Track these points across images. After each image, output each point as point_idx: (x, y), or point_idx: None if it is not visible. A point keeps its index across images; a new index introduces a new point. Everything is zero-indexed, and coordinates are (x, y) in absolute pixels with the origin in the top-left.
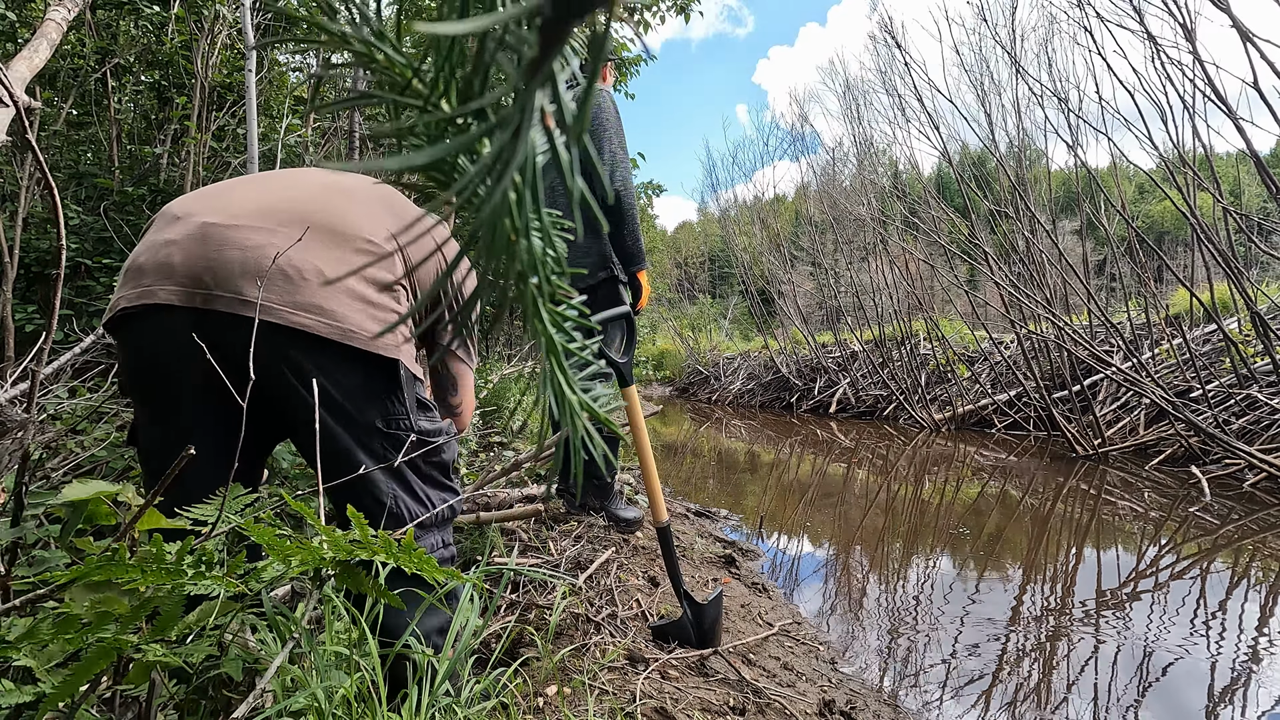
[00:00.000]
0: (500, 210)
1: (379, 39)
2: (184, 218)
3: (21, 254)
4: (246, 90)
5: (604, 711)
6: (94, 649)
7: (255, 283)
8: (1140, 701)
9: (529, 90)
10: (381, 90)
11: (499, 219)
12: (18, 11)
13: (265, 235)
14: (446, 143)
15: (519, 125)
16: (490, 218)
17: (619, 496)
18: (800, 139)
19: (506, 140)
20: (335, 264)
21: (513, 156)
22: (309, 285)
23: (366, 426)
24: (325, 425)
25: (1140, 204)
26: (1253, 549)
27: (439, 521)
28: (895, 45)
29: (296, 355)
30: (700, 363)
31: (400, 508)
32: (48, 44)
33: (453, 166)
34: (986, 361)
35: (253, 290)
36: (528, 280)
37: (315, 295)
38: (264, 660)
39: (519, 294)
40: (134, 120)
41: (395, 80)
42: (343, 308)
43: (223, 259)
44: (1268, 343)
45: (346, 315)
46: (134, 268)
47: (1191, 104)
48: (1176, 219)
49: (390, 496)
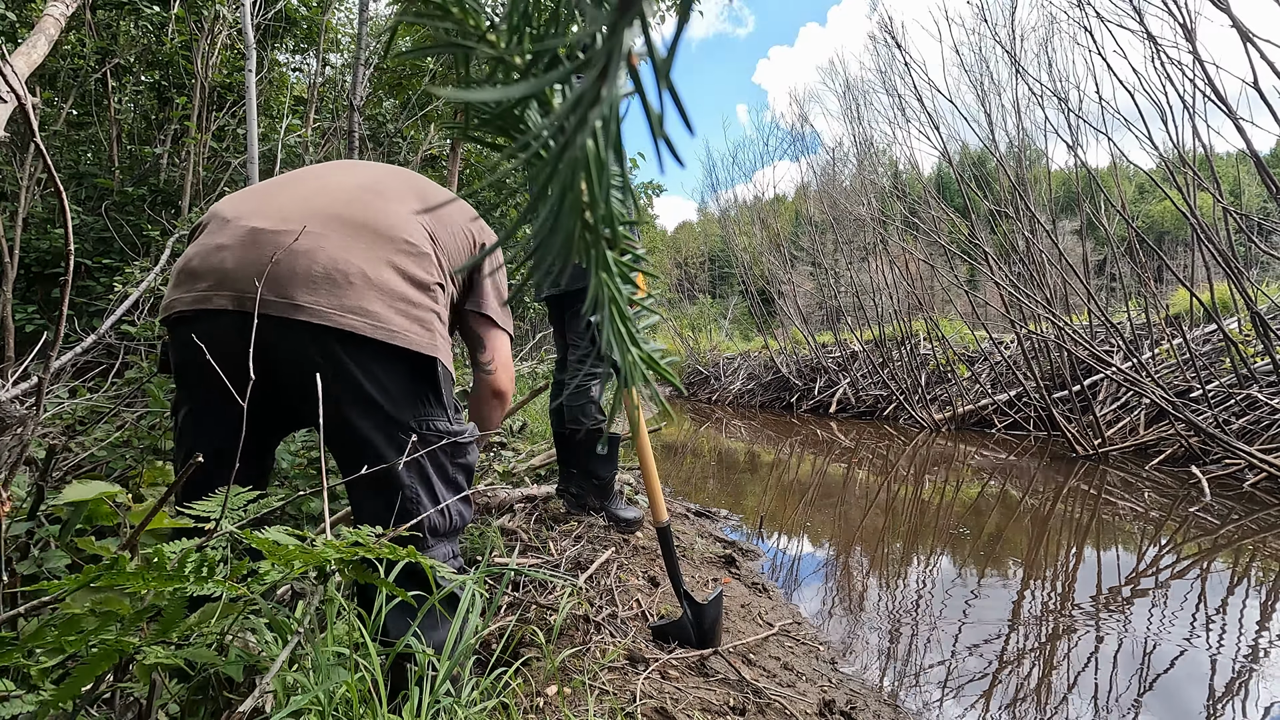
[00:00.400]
0: (577, 163)
1: None
2: (234, 220)
3: (21, 254)
4: (246, 90)
5: (604, 711)
6: (97, 650)
7: (306, 287)
8: (1140, 701)
9: (618, 28)
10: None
11: (575, 172)
12: (17, 11)
13: (313, 240)
14: (531, 80)
15: (606, 66)
16: (566, 171)
17: (619, 496)
18: (800, 139)
19: (591, 83)
20: (378, 265)
21: (596, 100)
22: (355, 288)
23: (401, 424)
24: (358, 421)
25: (1140, 204)
26: (1253, 549)
27: (450, 531)
28: (895, 45)
29: (341, 354)
30: (700, 363)
31: (417, 508)
32: (46, 39)
33: (520, 120)
34: (986, 361)
35: (303, 295)
36: (599, 233)
37: (361, 297)
38: (264, 661)
39: (587, 246)
40: (134, 120)
41: (470, 31)
42: (385, 309)
43: (274, 264)
44: (1268, 343)
45: (389, 316)
46: (187, 270)
47: (1191, 104)
48: (1176, 219)
49: (412, 494)
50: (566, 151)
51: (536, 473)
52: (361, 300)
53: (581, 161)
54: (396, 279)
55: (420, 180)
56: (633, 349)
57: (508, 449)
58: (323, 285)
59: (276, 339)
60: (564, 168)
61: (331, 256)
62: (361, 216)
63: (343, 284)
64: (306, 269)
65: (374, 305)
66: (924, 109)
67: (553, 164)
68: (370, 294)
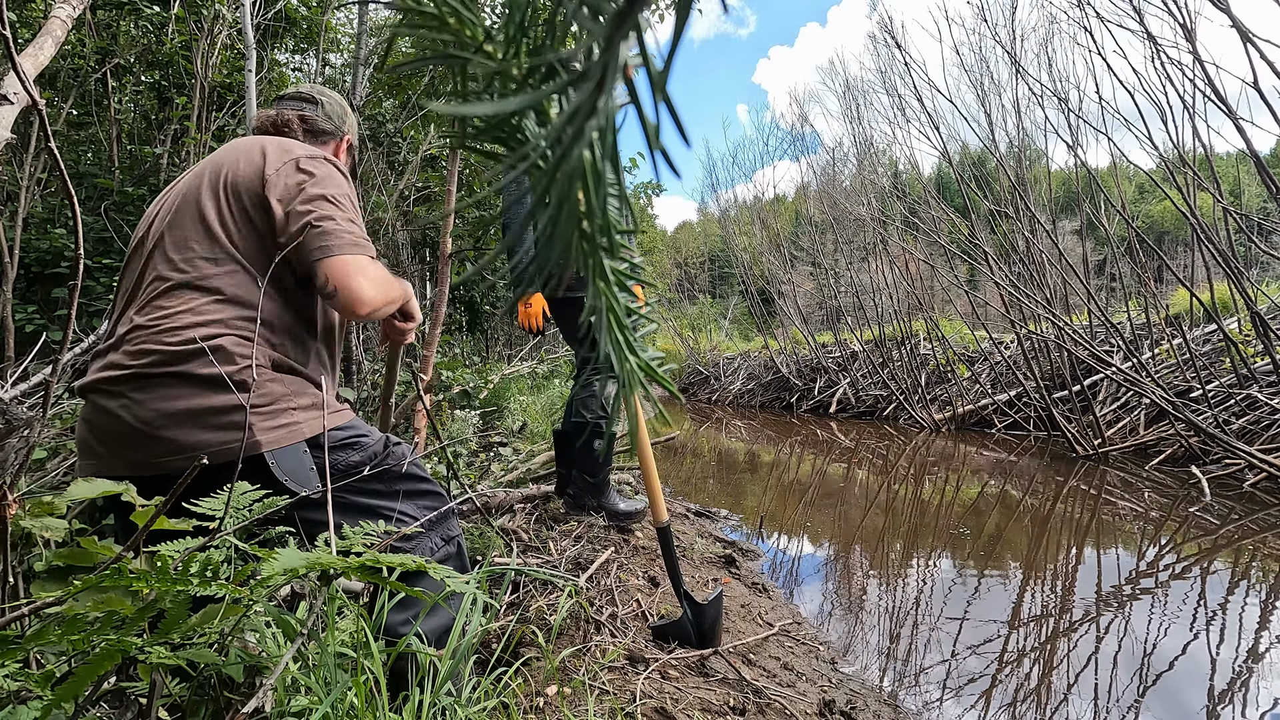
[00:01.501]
0: (574, 173)
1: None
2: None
3: (21, 254)
4: (246, 90)
5: (604, 711)
6: (99, 651)
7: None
8: (1140, 701)
9: (614, 40)
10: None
11: (572, 183)
12: (18, 11)
13: (119, 410)
14: (526, 94)
15: (602, 78)
16: (563, 181)
17: (614, 491)
18: (800, 139)
19: (587, 95)
20: (178, 402)
21: (592, 112)
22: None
23: (313, 502)
24: (304, 517)
25: (1140, 204)
26: (1253, 549)
27: (427, 526)
28: (895, 45)
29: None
30: (700, 363)
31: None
32: (53, 41)
33: (517, 130)
34: (986, 361)
35: (136, 455)
36: (595, 241)
37: (176, 436)
38: (264, 661)
39: (584, 254)
40: (134, 120)
41: (466, 42)
42: (200, 434)
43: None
44: (1268, 343)
45: (205, 440)
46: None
47: (1191, 104)
48: (1176, 219)
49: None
50: (563, 163)
51: (536, 474)
52: (176, 438)
53: (579, 172)
54: (199, 399)
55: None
56: (631, 357)
57: (508, 448)
58: (138, 443)
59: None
60: (561, 178)
61: (134, 417)
62: (160, 365)
63: (151, 435)
64: (131, 435)
65: (189, 437)
66: (924, 109)
67: (550, 174)
68: (177, 431)
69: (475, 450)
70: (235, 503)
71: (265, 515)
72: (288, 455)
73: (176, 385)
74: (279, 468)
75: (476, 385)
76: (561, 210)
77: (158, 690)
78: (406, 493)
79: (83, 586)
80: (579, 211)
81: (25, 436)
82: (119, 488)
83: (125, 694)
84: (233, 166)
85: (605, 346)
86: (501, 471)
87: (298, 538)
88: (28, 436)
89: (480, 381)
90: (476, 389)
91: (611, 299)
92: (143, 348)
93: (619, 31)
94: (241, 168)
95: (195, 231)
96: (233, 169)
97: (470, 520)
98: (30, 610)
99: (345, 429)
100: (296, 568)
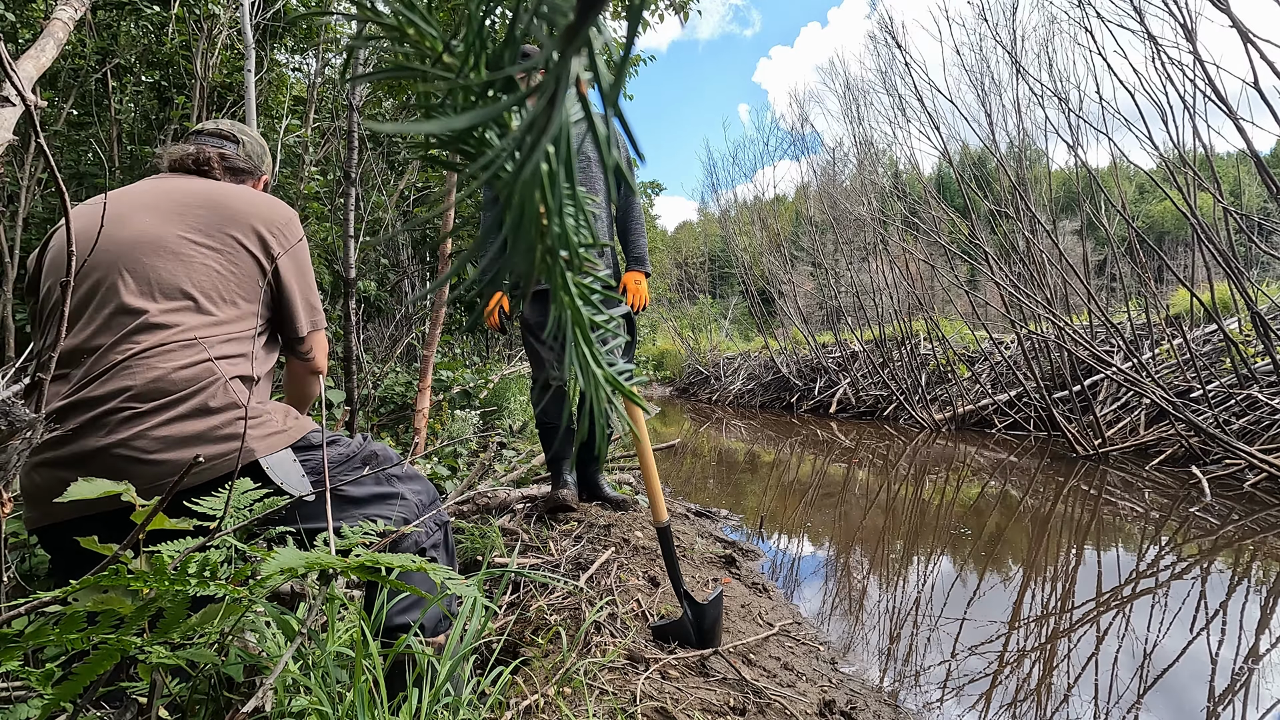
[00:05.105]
0: (532, 183)
1: (409, 9)
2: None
3: (22, 254)
4: (246, 90)
5: (604, 711)
6: (99, 650)
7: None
8: (1140, 702)
9: (566, 56)
10: (412, 63)
11: (530, 192)
12: (17, 12)
13: (98, 438)
14: (473, 111)
15: (554, 93)
16: (522, 191)
17: (604, 482)
18: (800, 139)
19: (541, 109)
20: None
21: (547, 126)
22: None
23: (310, 510)
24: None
25: (1140, 204)
26: (1253, 549)
27: (420, 509)
28: (895, 45)
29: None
30: (700, 363)
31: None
32: (54, 43)
33: (480, 140)
34: (986, 361)
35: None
36: (557, 254)
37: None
38: (264, 661)
39: (546, 268)
40: (134, 120)
41: (426, 53)
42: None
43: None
44: (1268, 343)
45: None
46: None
47: (1192, 104)
48: (1176, 219)
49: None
50: (520, 173)
51: (537, 473)
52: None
53: (537, 181)
54: (193, 423)
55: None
56: (596, 370)
57: (508, 449)
58: (134, 470)
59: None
60: (520, 187)
61: (122, 442)
62: (146, 389)
63: (156, 458)
64: (124, 470)
65: (184, 453)
66: (924, 109)
67: (510, 183)
68: (179, 451)
69: (475, 450)
70: (235, 503)
71: (265, 515)
72: (280, 461)
73: (171, 412)
74: (274, 472)
75: (476, 385)
76: (522, 218)
77: (158, 690)
78: (400, 477)
79: (80, 585)
80: (540, 222)
81: (28, 438)
82: (119, 487)
83: (125, 693)
84: (217, 207)
85: (570, 358)
86: (503, 471)
87: (297, 538)
88: (30, 438)
89: (480, 381)
90: (476, 389)
91: (575, 312)
92: (127, 383)
93: (570, 46)
94: (236, 205)
95: (171, 265)
96: (219, 209)
97: (470, 520)
98: (28, 609)
99: (318, 430)
100: (294, 567)
